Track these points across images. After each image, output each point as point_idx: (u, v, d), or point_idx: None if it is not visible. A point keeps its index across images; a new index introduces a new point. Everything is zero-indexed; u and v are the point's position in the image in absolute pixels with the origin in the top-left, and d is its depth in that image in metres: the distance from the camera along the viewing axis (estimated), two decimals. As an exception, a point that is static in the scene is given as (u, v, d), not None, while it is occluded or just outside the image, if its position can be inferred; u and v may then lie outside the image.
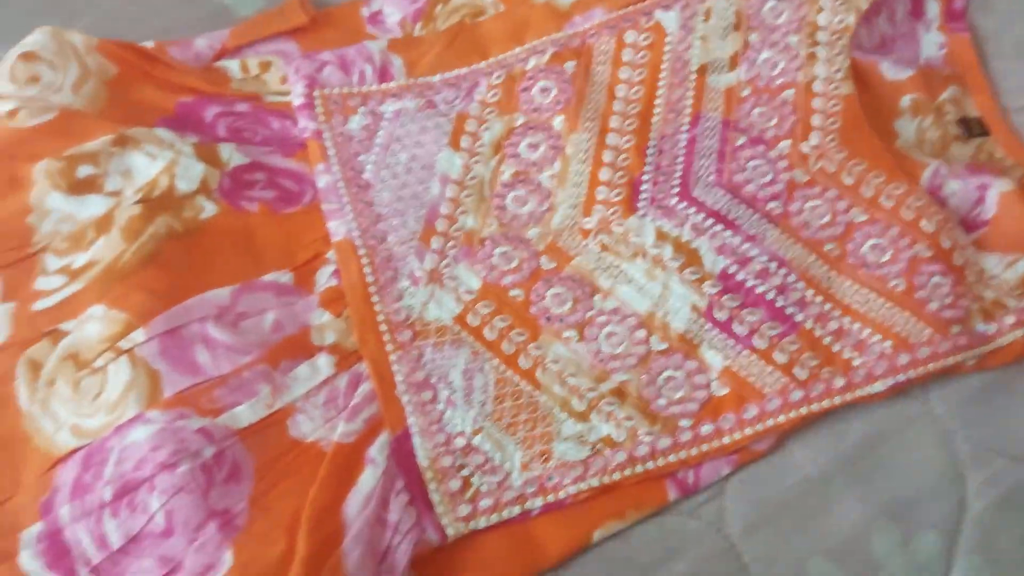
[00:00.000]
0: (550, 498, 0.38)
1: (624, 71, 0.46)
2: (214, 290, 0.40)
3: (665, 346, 0.41)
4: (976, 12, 0.50)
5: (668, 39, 0.46)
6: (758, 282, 0.41)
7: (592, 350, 0.41)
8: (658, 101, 0.45)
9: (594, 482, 0.39)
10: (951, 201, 0.44)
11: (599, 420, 0.40)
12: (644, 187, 0.43)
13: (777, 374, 0.40)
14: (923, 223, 0.42)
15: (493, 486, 0.38)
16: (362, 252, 0.42)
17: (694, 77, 0.46)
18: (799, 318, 0.41)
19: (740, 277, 0.41)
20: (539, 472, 0.39)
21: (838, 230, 0.43)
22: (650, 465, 0.39)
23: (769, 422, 0.39)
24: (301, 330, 0.40)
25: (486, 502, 0.38)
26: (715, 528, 0.39)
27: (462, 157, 0.45)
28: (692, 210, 0.43)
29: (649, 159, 0.44)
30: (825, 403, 0.40)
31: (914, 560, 0.39)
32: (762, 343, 0.40)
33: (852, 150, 0.44)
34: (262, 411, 0.38)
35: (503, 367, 0.40)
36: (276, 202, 0.43)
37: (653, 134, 0.45)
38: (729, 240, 0.42)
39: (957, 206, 0.44)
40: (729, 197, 0.43)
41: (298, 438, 0.38)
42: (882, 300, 0.42)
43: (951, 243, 0.42)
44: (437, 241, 0.43)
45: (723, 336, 0.41)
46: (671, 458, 0.39)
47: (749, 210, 0.43)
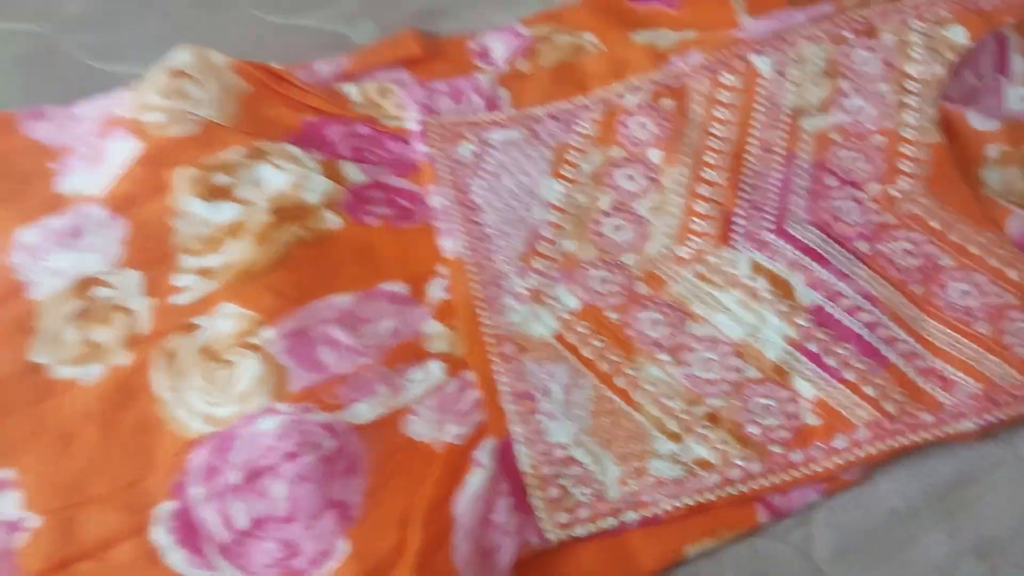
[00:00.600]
0: (645, 513, 0.40)
1: (719, 110, 0.48)
2: (338, 295, 0.43)
3: (759, 375, 0.42)
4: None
5: (761, 81, 0.49)
6: (849, 318, 0.43)
7: (686, 374, 0.42)
8: (751, 140, 0.48)
9: (688, 500, 0.40)
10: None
11: (693, 442, 0.41)
12: (737, 220, 0.46)
13: (867, 407, 0.41)
14: (1009, 271, 0.44)
15: (590, 497, 0.40)
16: (471, 269, 0.44)
17: (787, 119, 0.48)
18: (888, 355, 0.42)
19: (831, 312, 0.43)
20: (635, 488, 0.40)
21: (925, 273, 0.45)
22: (742, 488, 0.40)
23: (859, 452, 0.41)
24: (415, 337, 0.43)
25: (584, 512, 0.40)
26: (802, 553, 0.41)
27: (563, 185, 0.47)
28: (786, 245, 0.45)
29: (742, 194, 0.46)
30: (914, 437, 0.41)
31: (1000, 596, 0.40)
32: (852, 376, 0.42)
33: (940, 196, 0.46)
34: (380, 410, 0.40)
35: (600, 385, 0.42)
36: (394, 218, 0.46)
37: (747, 171, 0.47)
38: (821, 275, 0.44)
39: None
40: (820, 235, 0.45)
41: (411, 437, 0.40)
42: (969, 343, 0.43)
43: (1037, 291, 0.43)
44: (539, 262, 0.45)
45: (815, 368, 0.42)
46: (762, 482, 0.41)
47: (839, 248, 0.45)
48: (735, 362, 0.43)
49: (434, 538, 0.37)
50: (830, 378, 0.42)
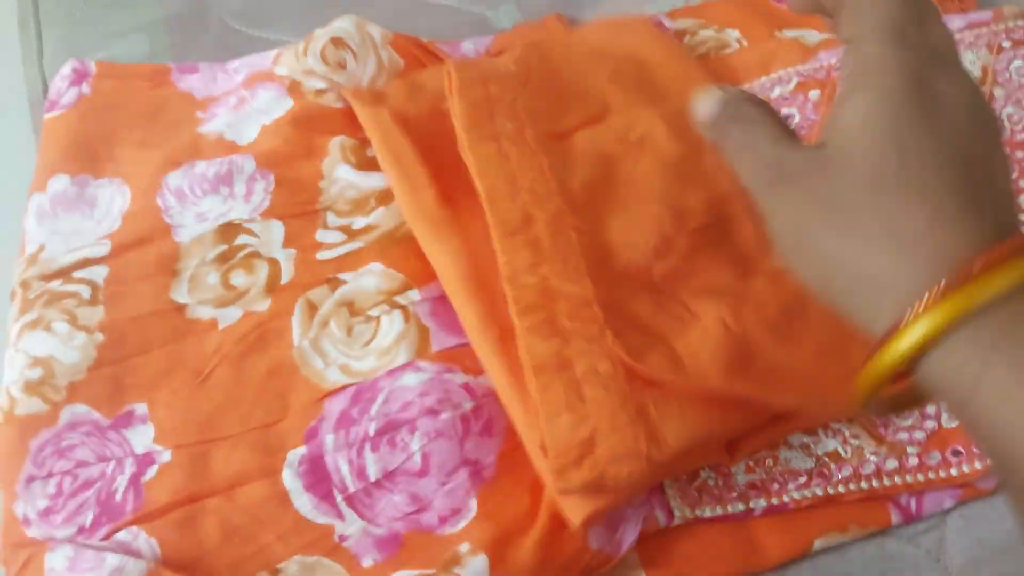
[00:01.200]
0: (773, 500, 0.39)
1: None
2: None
3: (897, 374, 0.41)
4: None
5: (914, 81, 0.48)
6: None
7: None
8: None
9: (818, 491, 0.39)
10: None
11: (826, 435, 0.40)
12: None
13: None
14: None
15: (718, 480, 0.40)
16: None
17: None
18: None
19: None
20: (763, 475, 0.40)
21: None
22: (875, 483, 0.39)
23: (1002, 459, 0.39)
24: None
25: (711, 493, 0.39)
26: (934, 558, 0.39)
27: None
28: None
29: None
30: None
31: None
32: None
33: (1095, 210, 0.45)
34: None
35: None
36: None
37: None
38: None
39: None
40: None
41: (547, 405, 0.40)
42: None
43: None
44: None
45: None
46: (896, 480, 0.40)
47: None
48: (873, 360, 0.42)
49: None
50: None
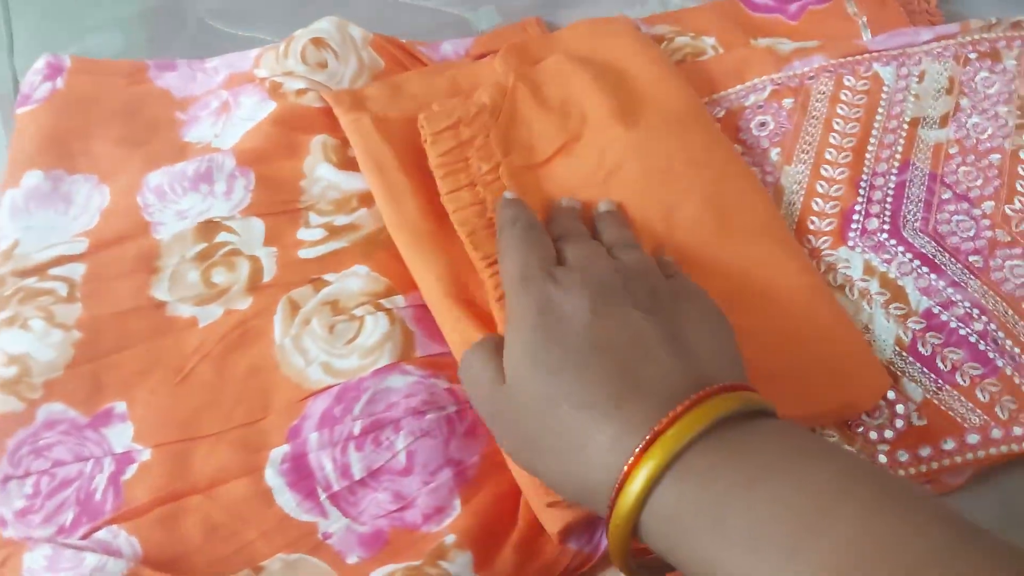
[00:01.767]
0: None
1: (842, 108, 0.49)
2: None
3: (867, 374, 0.43)
4: None
5: (885, 88, 0.49)
6: (960, 325, 0.43)
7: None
8: (872, 140, 0.48)
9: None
10: None
11: (800, 433, 0.41)
12: (856, 218, 0.46)
13: (978, 412, 0.42)
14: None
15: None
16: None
17: (906, 127, 0.49)
18: (999, 363, 0.43)
19: (944, 318, 0.44)
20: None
21: (1038, 292, 0.45)
22: (848, 481, 0.41)
23: (968, 456, 0.41)
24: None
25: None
26: (903, 552, 0.41)
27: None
28: (900, 249, 0.45)
29: (862, 193, 0.47)
30: (1024, 446, 0.41)
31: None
32: (964, 381, 0.42)
33: (1056, 218, 0.47)
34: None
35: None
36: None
37: (867, 170, 0.47)
38: (934, 283, 0.44)
39: None
40: (934, 243, 0.46)
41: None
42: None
43: None
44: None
45: (925, 371, 0.42)
46: (868, 478, 0.41)
47: (951, 258, 0.45)
48: (844, 361, 0.43)
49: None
50: (940, 381, 0.42)
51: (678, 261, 0.41)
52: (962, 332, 0.43)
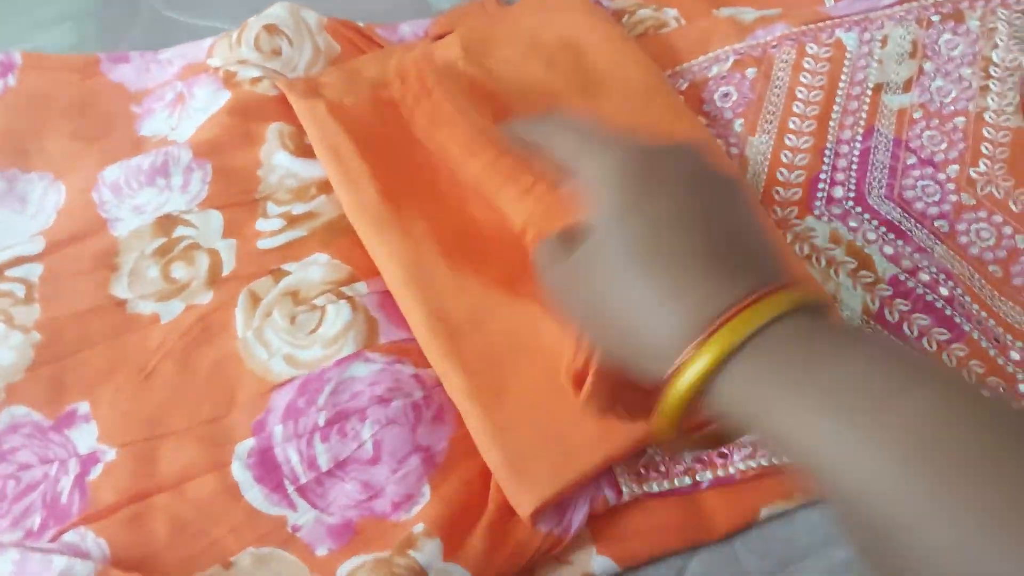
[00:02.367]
0: (719, 472, 0.40)
1: (805, 76, 0.49)
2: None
3: (836, 342, 0.42)
4: None
5: (848, 55, 0.49)
6: (927, 291, 0.43)
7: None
8: (836, 107, 0.48)
9: (763, 461, 0.40)
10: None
11: (769, 405, 0.41)
12: (821, 187, 0.46)
13: (946, 377, 0.42)
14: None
15: (664, 456, 0.40)
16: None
17: (870, 93, 0.48)
18: (966, 328, 0.43)
19: (910, 284, 0.43)
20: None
21: (1002, 254, 0.45)
22: (818, 451, 0.40)
23: (937, 422, 0.41)
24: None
25: (658, 469, 0.40)
26: (875, 520, 0.41)
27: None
28: (866, 216, 0.45)
29: (826, 161, 0.46)
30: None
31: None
32: (931, 346, 0.42)
33: (1019, 179, 0.46)
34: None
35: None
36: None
37: (831, 137, 0.47)
38: (900, 249, 0.44)
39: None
40: (900, 209, 0.46)
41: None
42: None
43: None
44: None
45: (894, 337, 0.42)
46: (838, 447, 0.41)
47: (917, 224, 0.45)
48: (812, 331, 0.43)
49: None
50: (909, 348, 0.42)
51: None
52: (928, 298, 0.43)
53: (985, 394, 0.24)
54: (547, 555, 0.38)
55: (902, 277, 0.44)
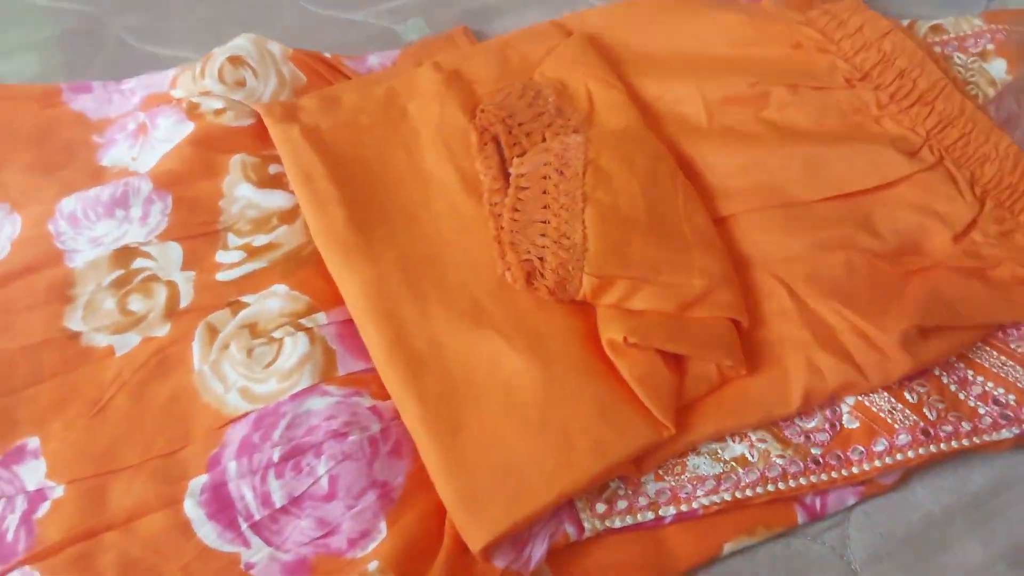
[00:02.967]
0: (683, 508, 0.40)
1: None
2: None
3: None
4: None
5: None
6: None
7: (726, 375, 0.42)
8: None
9: (726, 496, 0.40)
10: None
11: (733, 441, 0.41)
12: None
13: (907, 412, 0.41)
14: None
15: (628, 491, 0.40)
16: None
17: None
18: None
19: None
20: (672, 483, 0.40)
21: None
22: (781, 485, 0.40)
23: (898, 456, 0.41)
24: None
25: (621, 504, 0.39)
26: (838, 555, 0.40)
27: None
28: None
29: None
30: (953, 444, 0.41)
31: (1034, 607, 0.40)
32: (896, 385, 0.42)
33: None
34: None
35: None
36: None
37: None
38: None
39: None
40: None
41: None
42: (1004, 359, 0.43)
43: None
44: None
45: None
46: (801, 481, 0.40)
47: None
48: (776, 365, 0.43)
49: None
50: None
51: None
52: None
53: None
54: (506, 593, 0.37)
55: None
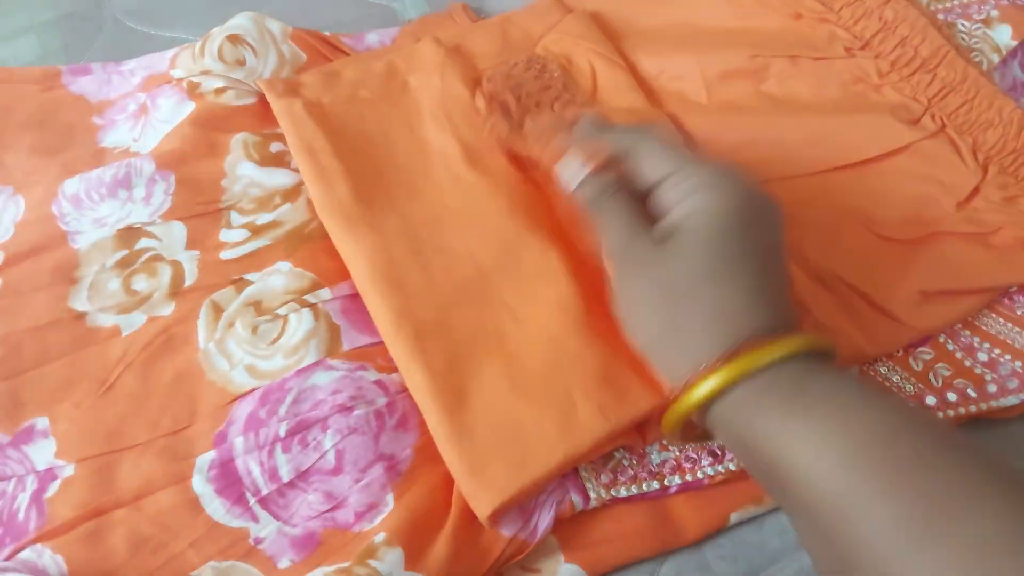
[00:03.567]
0: (688, 477, 0.40)
1: None
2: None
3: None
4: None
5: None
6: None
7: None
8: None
9: (731, 466, 0.40)
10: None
11: (737, 409, 0.41)
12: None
13: (913, 380, 0.41)
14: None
15: (632, 460, 0.40)
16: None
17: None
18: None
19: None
20: (677, 452, 0.40)
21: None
22: (786, 455, 0.40)
23: (904, 424, 0.41)
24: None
25: (627, 473, 0.40)
26: (845, 523, 0.40)
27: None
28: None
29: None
30: (960, 411, 0.41)
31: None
32: (898, 352, 0.42)
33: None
34: (432, 372, 0.40)
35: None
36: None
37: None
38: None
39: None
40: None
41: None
42: (1011, 325, 0.43)
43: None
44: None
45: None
46: (806, 450, 0.40)
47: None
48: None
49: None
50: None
51: None
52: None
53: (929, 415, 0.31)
54: (513, 562, 0.37)
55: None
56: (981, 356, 0.43)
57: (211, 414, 0.39)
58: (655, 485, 0.39)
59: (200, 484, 0.37)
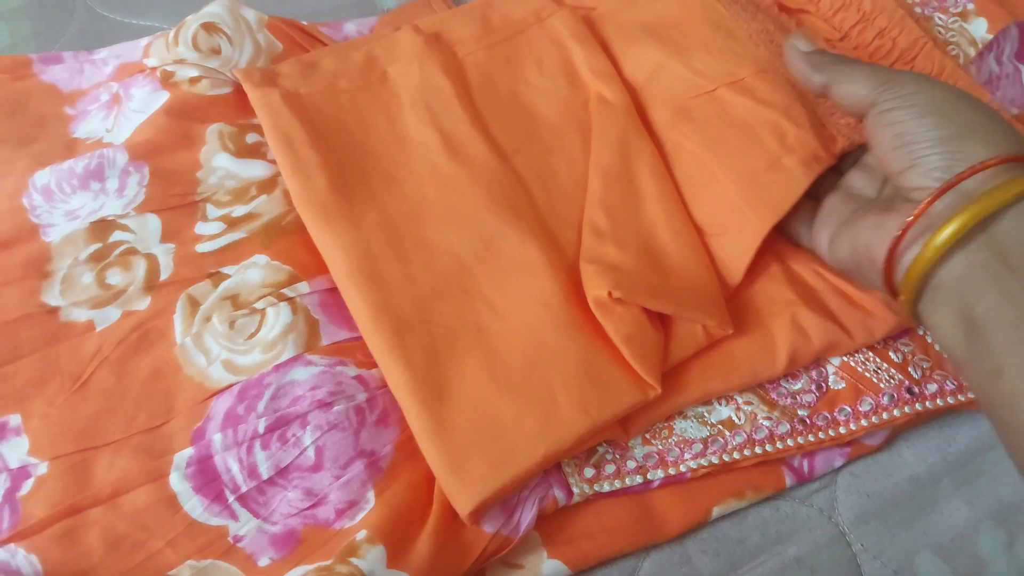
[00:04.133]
0: (671, 471, 0.40)
1: None
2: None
3: (785, 339, 0.42)
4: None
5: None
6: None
7: (713, 337, 0.42)
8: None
9: (713, 459, 0.40)
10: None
11: (720, 404, 0.41)
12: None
13: (892, 371, 0.42)
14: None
15: (616, 455, 0.40)
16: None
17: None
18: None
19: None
20: (660, 447, 0.40)
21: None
22: (768, 447, 0.40)
23: (884, 415, 0.41)
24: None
25: (609, 468, 0.39)
26: (826, 516, 0.41)
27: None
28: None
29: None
30: (939, 402, 0.41)
31: (1018, 561, 0.40)
32: (878, 343, 0.42)
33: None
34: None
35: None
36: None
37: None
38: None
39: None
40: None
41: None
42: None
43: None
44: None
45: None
46: (788, 442, 0.41)
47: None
48: (762, 327, 0.43)
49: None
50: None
51: None
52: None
53: None
54: (496, 558, 0.37)
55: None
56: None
57: (188, 410, 0.38)
58: (638, 479, 0.39)
59: (178, 481, 0.37)
